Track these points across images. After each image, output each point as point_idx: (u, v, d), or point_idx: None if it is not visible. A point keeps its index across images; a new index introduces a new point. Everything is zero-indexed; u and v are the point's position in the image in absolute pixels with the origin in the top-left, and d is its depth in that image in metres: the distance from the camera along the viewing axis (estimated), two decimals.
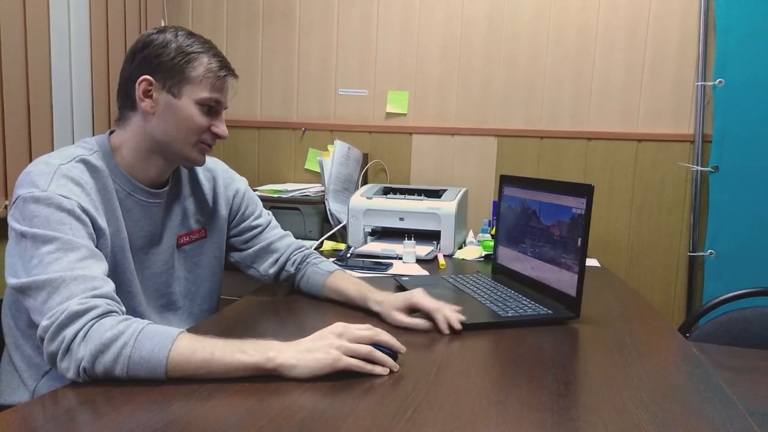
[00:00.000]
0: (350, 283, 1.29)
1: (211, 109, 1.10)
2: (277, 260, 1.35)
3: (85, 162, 1.03)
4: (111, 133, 1.13)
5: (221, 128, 1.11)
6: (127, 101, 1.09)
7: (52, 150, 1.93)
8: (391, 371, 0.89)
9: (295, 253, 1.37)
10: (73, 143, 2.02)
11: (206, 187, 1.26)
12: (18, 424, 0.72)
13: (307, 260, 1.38)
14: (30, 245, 0.90)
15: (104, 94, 2.15)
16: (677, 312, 2.24)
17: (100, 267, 0.93)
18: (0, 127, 1.74)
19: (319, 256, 1.41)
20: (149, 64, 1.06)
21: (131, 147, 1.09)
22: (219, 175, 1.29)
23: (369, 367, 0.87)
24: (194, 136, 1.09)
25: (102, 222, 1.01)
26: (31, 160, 1.82)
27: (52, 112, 1.94)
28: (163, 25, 2.49)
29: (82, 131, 2.07)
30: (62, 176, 0.97)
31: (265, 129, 2.54)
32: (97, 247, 0.98)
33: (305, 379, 0.84)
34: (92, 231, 0.98)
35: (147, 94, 1.06)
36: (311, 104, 2.50)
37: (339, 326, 0.91)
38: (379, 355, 0.89)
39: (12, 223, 0.94)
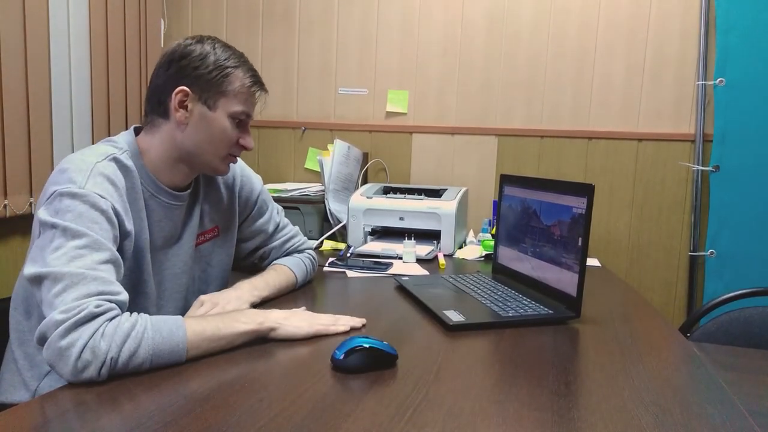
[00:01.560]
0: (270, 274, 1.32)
1: (241, 122, 1.12)
2: (268, 258, 1.41)
3: (117, 161, 1.04)
4: (136, 132, 1.13)
5: (248, 141, 1.15)
6: (158, 108, 1.09)
7: (52, 152, 1.93)
8: (390, 367, 0.90)
9: (285, 251, 1.42)
10: (73, 145, 2.04)
11: (223, 185, 1.27)
12: (18, 424, 0.71)
13: (288, 251, 1.43)
14: (59, 236, 0.90)
15: (103, 95, 2.15)
16: (678, 312, 2.24)
17: (118, 274, 0.94)
18: None
19: (304, 250, 1.46)
20: (187, 75, 1.07)
21: (159, 153, 1.09)
22: (237, 173, 1.30)
23: (333, 328, 1.05)
24: (225, 148, 1.12)
25: (129, 224, 1.01)
26: (30, 162, 1.84)
27: (52, 113, 1.94)
28: (164, 24, 2.49)
29: (81, 133, 2.07)
30: (99, 174, 0.98)
31: (264, 128, 2.54)
32: (120, 248, 0.99)
33: (282, 340, 1.00)
34: (118, 234, 0.98)
35: (182, 104, 1.07)
36: (311, 103, 2.50)
37: (306, 312, 1.10)
38: (343, 320, 1.08)
39: (43, 216, 0.92)
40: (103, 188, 0.97)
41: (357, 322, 1.10)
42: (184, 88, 1.06)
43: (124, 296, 0.91)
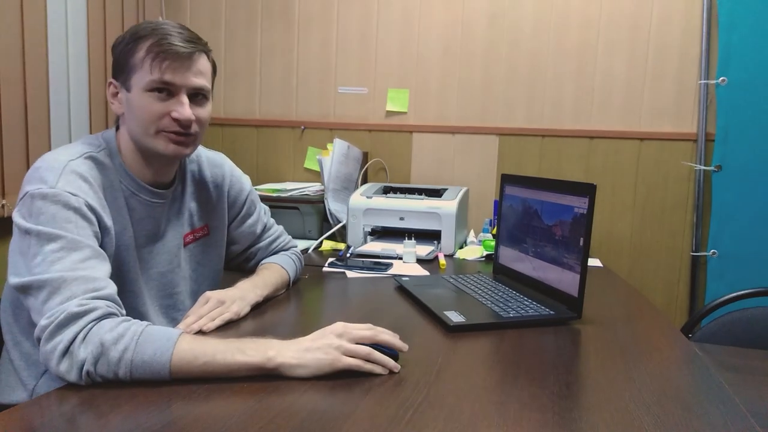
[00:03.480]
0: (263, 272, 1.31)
1: (168, 93, 1.02)
2: (254, 259, 1.40)
3: (93, 159, 1.03)
4: (117, 129, 1.12)
5: (180, 111, 1.01)
6: None
7: (50, 149, 1.93)
8: (392, 372, 0.88)
9: (271, 251, 1.41)
10: (71, 142, 2.03)
11: (212, 184, 1.25)
12: (17, 424, 0.71)
13: (273, 250, 1.42)
14: (34, 243, 0.89)
15: (101, 92, 2.14)
16: (680, 312, 2.23)
17: (103, 268, 0.92)
18: None
19: (289, 249, 1.44)
20: (112, 67, 1.06)
21: (127, 147, 1.09)
22: (227, 173, 1.28)
23: (368, 366, 0.87)
24: (151, 125, 1.03)
25: (108, 220, 1.00)
26: (28, 160, 1.83)
27: (49, 110, 1.93)
28: None
29: (79, 130, 2.06)
30: (71, 172, 0.97)
31: (264, 127, 2.54)
32: (102, 245, 0.97)
33: (305, 378, 0.84)
34: (98, 230, 0.97)
35: (114, 96, 1.07)
36: (311, 102, 2.49)
37: (339, 326, 0.90)
38: (378, 356, 0.88)
39: (18, 220, 0.92)
40: (75, 186, 0.95)
41: (400, 345, 0.93)
42: (111, 80, 1.06)
43: (111, 289, 0.90)
